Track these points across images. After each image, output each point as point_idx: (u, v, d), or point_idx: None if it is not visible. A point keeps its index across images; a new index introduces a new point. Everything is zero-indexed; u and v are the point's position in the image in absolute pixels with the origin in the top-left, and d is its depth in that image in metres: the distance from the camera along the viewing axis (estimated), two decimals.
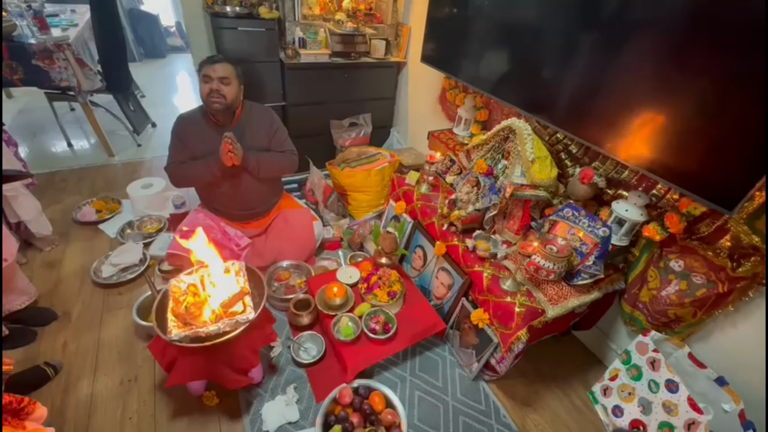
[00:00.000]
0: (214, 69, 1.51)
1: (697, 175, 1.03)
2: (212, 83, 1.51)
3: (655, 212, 1.27)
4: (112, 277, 1.75)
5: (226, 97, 1.54)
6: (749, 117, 0.90)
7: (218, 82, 1.51)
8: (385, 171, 2.18)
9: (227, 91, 1.53)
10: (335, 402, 1.29)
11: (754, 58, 0.87)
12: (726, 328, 1.19)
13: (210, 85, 1.52)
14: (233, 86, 1.55)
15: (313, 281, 1.66)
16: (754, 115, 0.89)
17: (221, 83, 1.52)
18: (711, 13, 0.94)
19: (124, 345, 1.50)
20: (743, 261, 1.07)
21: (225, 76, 1.52)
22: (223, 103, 1.54)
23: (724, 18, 0.91)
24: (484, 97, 1.92)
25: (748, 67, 0.88)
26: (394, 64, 2.64)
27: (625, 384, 1.31)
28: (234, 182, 1.69)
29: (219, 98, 1.53)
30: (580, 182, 1.36)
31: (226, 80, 1.52)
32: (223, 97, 1.53)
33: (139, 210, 2.17)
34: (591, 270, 1.25)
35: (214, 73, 1.50)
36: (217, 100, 1.53)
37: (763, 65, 0.85)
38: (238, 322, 1.11)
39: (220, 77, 1.51)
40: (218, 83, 1.52)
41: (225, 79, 1.52)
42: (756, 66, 0.87)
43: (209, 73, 1.51)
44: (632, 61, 1.14)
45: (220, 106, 1.54)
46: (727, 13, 0.91)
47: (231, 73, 1.54)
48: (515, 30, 1.52)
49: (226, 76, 1.52)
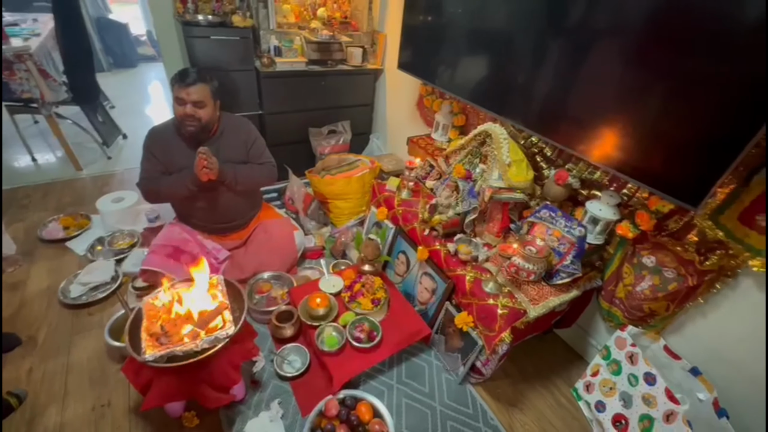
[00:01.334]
0: (188, 92, 1.43)
1: (664, 174, 1.07)
2: (186, 107, 1.45)
3: (627, 211, 1.31)
4: (81, 297, 1.67)
5: (202, 120, 1.49)
6: (709, 118, 0.95)
7: (192, 107, 1.45)
8: (366, 178, 2.18)
9: (202, 114, 1.48)
10: (321, 415, 1.26)
11: (711, 63, 0.92)
12: (697, 319, 1.24)
13: (184, 108, 1.45)
14: (209, 108, 1.49)
15: (295, 292, 1.63)
16: (714, 116, 0.94)
17: (195, 107, 1.46)
18: (669, 22, 0.99)
19: (95, 368, 1.42)
20: (710, 255, 1.12)
21: (199, 99, 1.45)
22: (198, 126, 1.49)
23: (682, 26, 0.96)
24: (460, 102, 1.96)
25: (706, 71, 0.93)
26: (371, 72, 2.66)
27: (606, 379, 1.34)
28: (211, 196, 1.64)
29: (194, 123, 1.48)
30: (556, 184, 1.39)
31: (200, 104, 1.46)
32: (198, 121, 1.48)
33: (110, 225, 2.08)
34: (569, 269, 1.28)
35: (188, 97, 1.44)
36: (192, 124, 1.48)
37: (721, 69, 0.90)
38: (218, 338, 1.08)
39: (194, 101, 1.44)
40: (192, 108, 1.45)
41: (200, 102, 1.46)
42: (713, 70, 0.92)
43: (183, 96, 1.44)
44: (598, 66, 1.19)
45: (194, 129, 1.49)
46: (684, 21, 0.96)
47: (206, 95, 1.47)
48: (488, 37, 1.56)
49: (201, 99, 1.46)
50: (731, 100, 0.91)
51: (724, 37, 0.89)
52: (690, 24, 0.95)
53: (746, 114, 0.88)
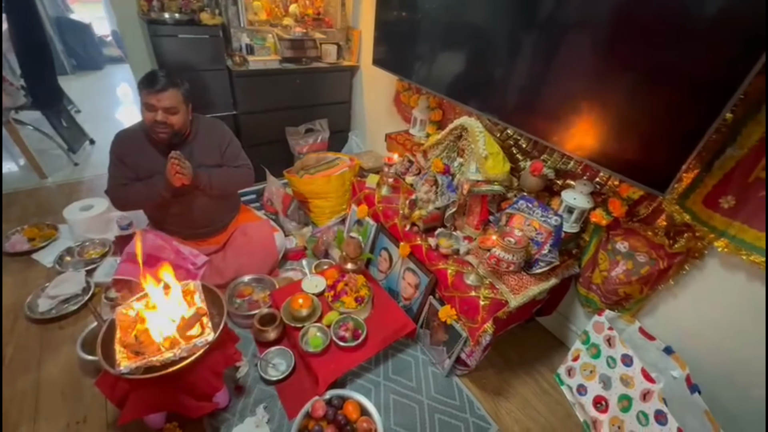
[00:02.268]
0: (158, 98, 1.35)
1: (632, 161, 1.11)
2: (157, 114, 1.37)
3: (600, 199, 1.35)
4: (50, 311, 1.59)
5: (174, 127, 1.42)
6: (672, 106, 0.99)
7: (163, 114, 1.37)
8: (345, 176, 2.16)
9: (175, 120, 1.41)
10: (308, 416, 1.25)
11: (673, 53, 0.95)
12: (669, 300, 1.29)
13: (154, 115, 1.37)
14: (181, 113, 1.42)
15: (278, 294, 1.61)
16: (677, 104, 0.98)
17: (167, 113, 1.38)
18: (634, 15, 1.02)
19: (68, 384, 1.36)
20: (678, 238, 1.17)
21: (171, 105, 1.38)
22: (169, 133, 1.42)
23: (645, 18, 0.99)
24: (437, 97, 1.96)
25: (667, 62, 0.97)
26: (347, 69, 2.63)
27: (587, 363, 1.38)
28: (185, 201, 1.58)
29: (165, 129, 1.41)
30: (532, 175, 1.42)
31: (173, 110, 1.39)
32: (170, 127, 1.41)
33: (80, 234, 1.99)
34: (547, 258, 1.31)
35: (159, 103, 1.36)
36: (163, 131, 1.41)
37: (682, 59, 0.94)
38: (196, 345, 1.05)
39: (165, 107, 1.37)
40: (164, 114, 1.37)
41: (172, 108, 1.38)
42: (674, 60, 0.95)
43: (153, 102, 1.35)
44: (569, 59, 1.21)
45: (166, 136, 1.42)
46: (647, 14, 0.99)
47: (178, 101, 1.40)
48: (462, 32, 1.57)
49: (173, 106, 1.38)
50: (693, 89, 0.94)
51: (683, 29, 0.92)
52: (652, 16, 0.98)
53: (707, 101, 0.91)
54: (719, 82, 0.88)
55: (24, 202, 2.31)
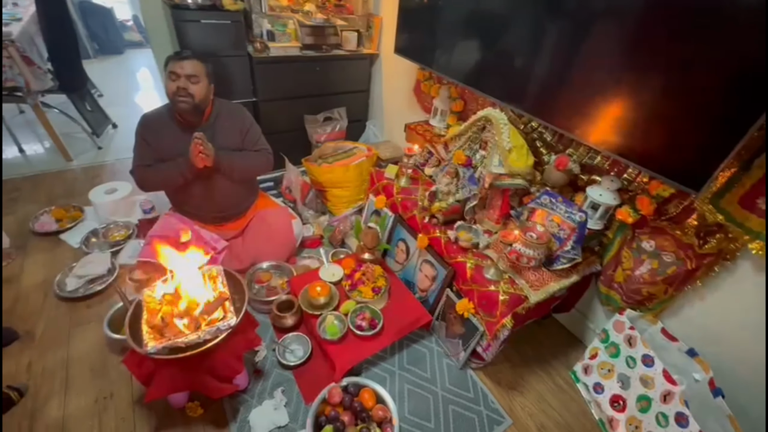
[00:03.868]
0: (182, 66, 1.42)
1: (665, 158, 1.07)
2: (179, 81, 1.43)
3: (627, 195, 1.31)
4: (78, 290, 1.65)
5: (194, 96, 1.46)
6: (712, 100, 0.94)
7: (186, 80, 1.43)
8: (363, 165, 2.15)
9: (195, 89, 1.45)
10: (325, 402, 1.27)
11: (715, 43, 0.90)
12: (695, 302, 1.25)
13: (177, 83, 1.43)
14: (202, 85, 1.47)
15: (296, 281, 1.63)
16: (717, 99, 0.93)
17: (189, 81, 1.44)
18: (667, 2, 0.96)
19: (96, 361, 1.42)
20: (709, 238, 1.13)
21: (193, 73, 1.44)
22: (190, 103, 1.46)
23: (682, 5, 0.94)
24: (458, 87, 1.92)
25: (709, 52, 0.92)
26: (366, 56, 2.60)
27: (605, 361, 1.36)
28: (206, 184, 1.61)
29: (186, 97, 1.44)
30: (556, 169, 1.39)
31: (194, 78, 1.44)
32: (190, 96, 1.45)
33: (104, 217, 2.04)
34: (569, 254, 1.29)
35: (182, 71, 1.42)
36: (184, 98, 1.44)
37: (725, 50, 0.89)
38: (219, 329, 1.07)
39: (188, 75, 1.43)
40: (185, 81, 1.43)
41: (193, 77, 1.44)
42: (717, 50, 0.90)
43: (176, 70, 1.43)
44: (599, 47, 1.17)
45: (187, 105, 1.46)
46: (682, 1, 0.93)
47: (200, 71, 1.46)
48: (487, 19, 1.52)
49: (195, 74, 1.44)
50: (735, 82, 0.89)
51: (727, 17, 0.87)
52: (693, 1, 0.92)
53: (750, 96, 0.87)
54: (765, 76, 0.83)
55: (51, 183, 2.38)
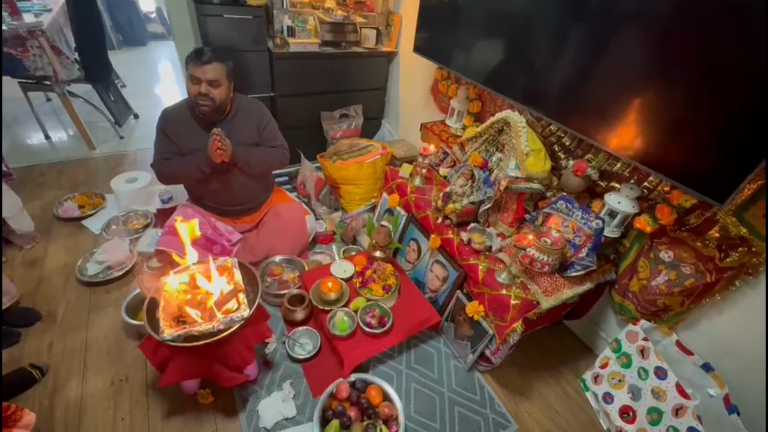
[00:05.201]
0: (204, 71, 1.41)
1: (689, 167, 1.04)
2: (200, 86, 1.42)
3: (647, 204, 1.29)
4: (98, 275, 1.70)
5: (216, 100, 1.46)
6: (740, 109, 0.91)
7: (207, 86, 1.43)
8: (378, 163, 2.16)
9: (216, 93, 1.46)
10: (332, 397, 1.29)
11: (745, 48, 0.88)
12: (712, 316, 1.22)
13: (198, 87, 1.43)
14: (223, 88, 1.47)
15: (307, 276, 1.65)
16: (745, 107, 0.90)
17: (210, 86, 1.43)
18: (697, 4, 0.94)
19: (113, 345, 1.46)
20: (731, 252, 1.10)
21: (215, 78, 1.43)
22: (212, 107, 1.47)
23: (710, 9, 0.91)
24: (477, 88, 1.91)
25: (738, 57, 0.89)
26: (385, 54, 2.60)
27: (616, 371, 1.34)
28: (224, 178, 1.64)
29: (208, 102, 1.45)
30: (574, 174, 1.37)
31: (215, 83, 1.44)
32: (212, 101, 1.46)
33: (124, 205, 2.10)
34: (584, 262, 1.27)
35: (204, 75, 1.41)
36: (205, 103, 1.45)
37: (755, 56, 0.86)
38: (233, 319, 1.09)
39: (209, 80, 1.42)
40: (207, 87, 1.43)
41: (215, 81, 1.43)
42: (746, 56, 0.88)
43: (198, 75, 1.41)
44: (622, 52, 1.14)
45: (208, 109, 1.47)
46: (713, 4, 0.91)
47: (221, 75, 1.45)
48: (508, 19, 1.51)
49: (216, 79, 1.43)
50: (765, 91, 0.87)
51: (760, 20, 0.84)
52: (725, 4, 0.89)
53: None
54: None
55: (74, 170, 2.46)
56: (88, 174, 2.44)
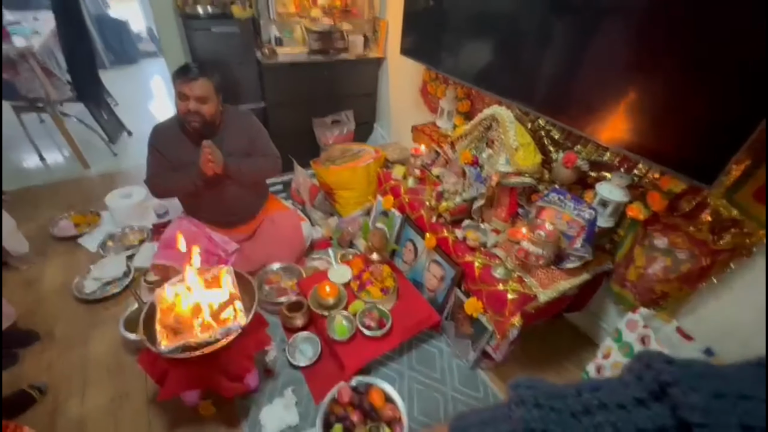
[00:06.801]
0: (191, 87, 1.42)
1: (676, 152, 1.05)
2: (189, 102, 1.43)
3: (638, 192, 1.29)
4: (95, 292, 1.70)
5: (205, 116, 1.48)
6: (722, 92, 0.92)
7: (196, 103, 1.44)
8: (371, 167, 2.17)
9: (206, 109, 1.47)
10: (335, 401, 1.28)
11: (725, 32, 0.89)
12: (709, 300, 1.22)
13: (187, 104, 1.44)
14: (212, 103, 1.48)
15: (305, 282, 1.65)
16: (727, 90, 0.91)
17: (199, 102, 1.44)
18: None
19: (112, 361, 1.46)
20: (723, 234, 1.10)
21: (203, 95, 1.44)
22: (201, 122, 1.48)
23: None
24: (465, 87, 1.92)
25: (719, 41, 0.90)
26: (373, 60, 2.63)
27: (618, 361, 1.34)
28: (217, 190, 1.64)
29: (198, 119, 1.47)
30: (564, 166, 1.37)
31: (204, 99, 1.45)
32: (202, 117, 1.47)
33: (120, 221, 2.10)
34: (579, 252, 1.27)
35: (191, 92, 1.42)
36: (195, 120, 1.47)
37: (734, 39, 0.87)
38: (230, 329, 1.09)
39: (197, 96, 1.43)
40: (196, 104, 1.44)
41: (203, 98, 1.44)
42: (726, 39, 0.89)
43: (185, 92, 1.42)
44: (606, 40, 1.16)
45: (198, 125, 1.48)
46: None
47: (209, 91, 1.46)
48: (492, 18, 1.52)
49: (204, 95, 1.44)
50: (745, 72, 0.87)
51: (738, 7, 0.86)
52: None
53: (761, 86, 0.85)
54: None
55: (70, 190, 2.46)
56: (84, 192, 2.45)
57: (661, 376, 0.27)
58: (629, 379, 0.29)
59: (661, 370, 0.27)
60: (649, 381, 0.28)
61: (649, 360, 0.29)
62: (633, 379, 0.29)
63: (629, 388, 0.28)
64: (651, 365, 0.29)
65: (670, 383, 0.26)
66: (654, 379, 0.27)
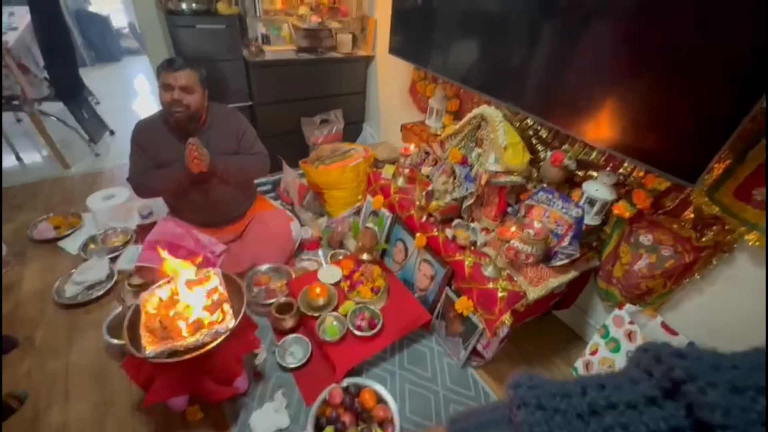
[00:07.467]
0: (175, 77, 1.40)
1: (660, 151, 1.07)
2: (173, 92, 1.41)
3: (624, 190, 1.31)
4: (77, 297, 1.65)
5: (190, 107, 1.45)
6: (705, 93, 0.95)
7: (180, 92, 1.41)
8: (360, 166, 2.15)
9: (190, 99, 1.44)
10: (326, 403, 1.27)
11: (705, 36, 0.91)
12: (693, 295, 1.25)
13: (171, 94, 1.41)
14: (196, 94, 1.46)
15: (295, 283, 1.63)
16: (710, 91, 0.94)
17: (183, 92, 1.42)
18: None
19: (95, 367, 1.41)
20: (706, 231, 1.13)
21: (187, 84, 1.42)
22: (185, 114, 1.45)
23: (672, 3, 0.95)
24: (454, 86, 1.93)
25: (700, 45, 0.92)
26: (362, 59, 2.61)
27: (605, 357, 1.36)
28: (203, 189, 1.61)
29: (181, 108, 1.44)
30: (552, 165, 1.39)
31: (188, 89, 1.43)
32: (186, 107, 1.44)
33: (103, 223, 2.04)
34: (567, 250, 1.28)
35: (176, 82, 1.40)
36: (179, 110, 1.44)
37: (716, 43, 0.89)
38: (218, 331, 1.07)
39: (181, 86, 1.41)
40: (180, 93, 1.41)
41: (187, 87, 1.42)
42: (707, 43, 0.91)
43: (169, 82, 1.40)
44: (592, 44, 1.17)
45: (182, 116, 1.45)
46: None
47: (194, 81, 1.44)
48: (481, 17, 1.53)
49: (189, 85, 1.42)
50: (727, 74, 0.90)
51: (718, 10, 0.88)
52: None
53: (742, 87, 0.87)
54: (757, 67, 0.84)
55: (49, 191, 2.38)
56: (64, 193, 2.37)
57: (673, 372, 0.25)
58: (637, 375, 0.27)
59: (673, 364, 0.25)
60: (660, 377, 0.26)
61: (657, 353, 0.27)
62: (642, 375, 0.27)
63: (639, 386, 0.26)
64: (661, 359, 0.26)
65: (685, 380, 0.24)
66: (665, 375, 0.25)
